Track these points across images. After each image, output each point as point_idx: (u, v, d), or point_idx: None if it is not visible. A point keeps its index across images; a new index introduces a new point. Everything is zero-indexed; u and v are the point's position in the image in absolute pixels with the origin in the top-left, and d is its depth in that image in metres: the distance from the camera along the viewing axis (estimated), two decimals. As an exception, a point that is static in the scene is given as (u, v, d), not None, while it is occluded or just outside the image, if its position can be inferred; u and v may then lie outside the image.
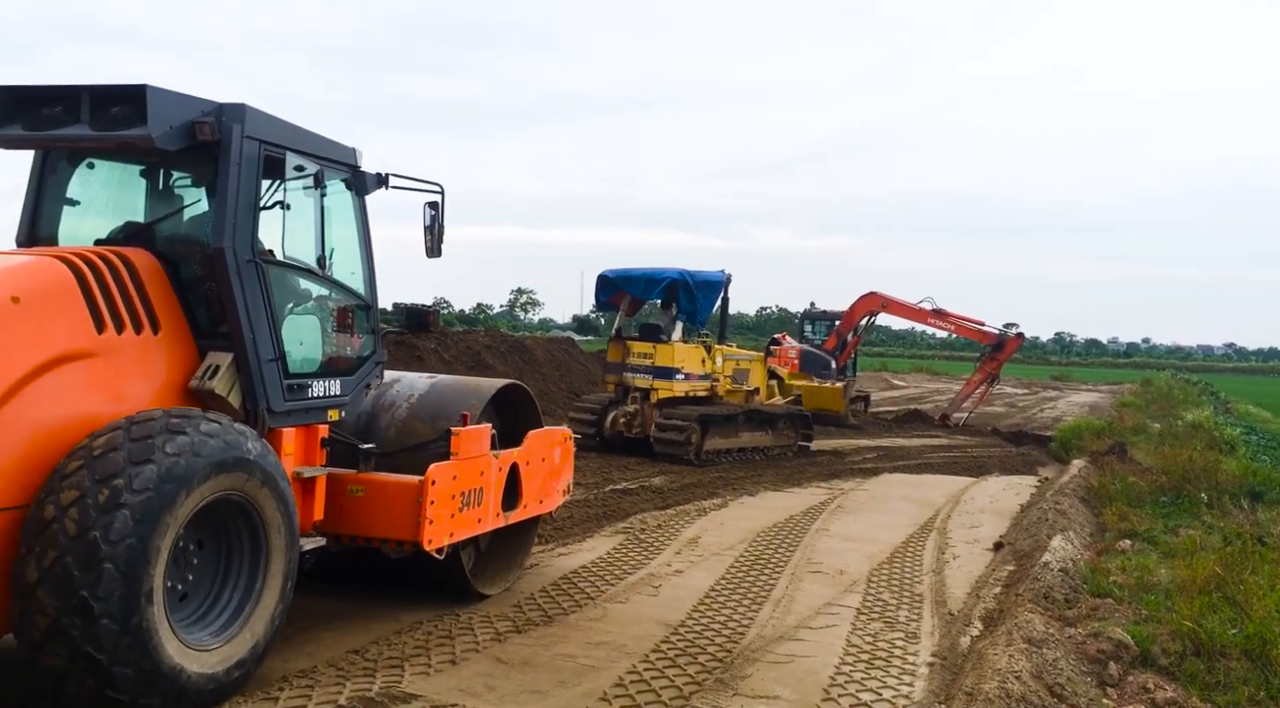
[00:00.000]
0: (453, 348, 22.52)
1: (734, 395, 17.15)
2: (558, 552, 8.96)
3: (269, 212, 5.79)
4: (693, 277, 15.87)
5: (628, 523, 10.51)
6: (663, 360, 15.59)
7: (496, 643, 6.33)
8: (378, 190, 6.67)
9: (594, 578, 8.11)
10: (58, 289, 4.89)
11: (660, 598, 7.64)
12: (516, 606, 7.17)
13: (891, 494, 13.73)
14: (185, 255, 5.67)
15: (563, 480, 8.21)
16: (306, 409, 6.00)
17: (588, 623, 6.87)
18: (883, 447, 20.11)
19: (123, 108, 5.26)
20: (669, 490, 12.85)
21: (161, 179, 6.09)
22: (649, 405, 15.56)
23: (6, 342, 4.57)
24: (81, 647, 4.33)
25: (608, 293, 16.39)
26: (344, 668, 5.66)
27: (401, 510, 6.23)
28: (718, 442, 15.81)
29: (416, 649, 6.08)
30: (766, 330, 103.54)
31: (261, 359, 5.57)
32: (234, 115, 5.53)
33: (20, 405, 4.55)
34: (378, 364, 6.72)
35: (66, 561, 4.31)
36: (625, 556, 8.98)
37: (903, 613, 7.59)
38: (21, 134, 5.49)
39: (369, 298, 6.57)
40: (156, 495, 4.50)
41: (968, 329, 25.93)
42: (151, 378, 5.26)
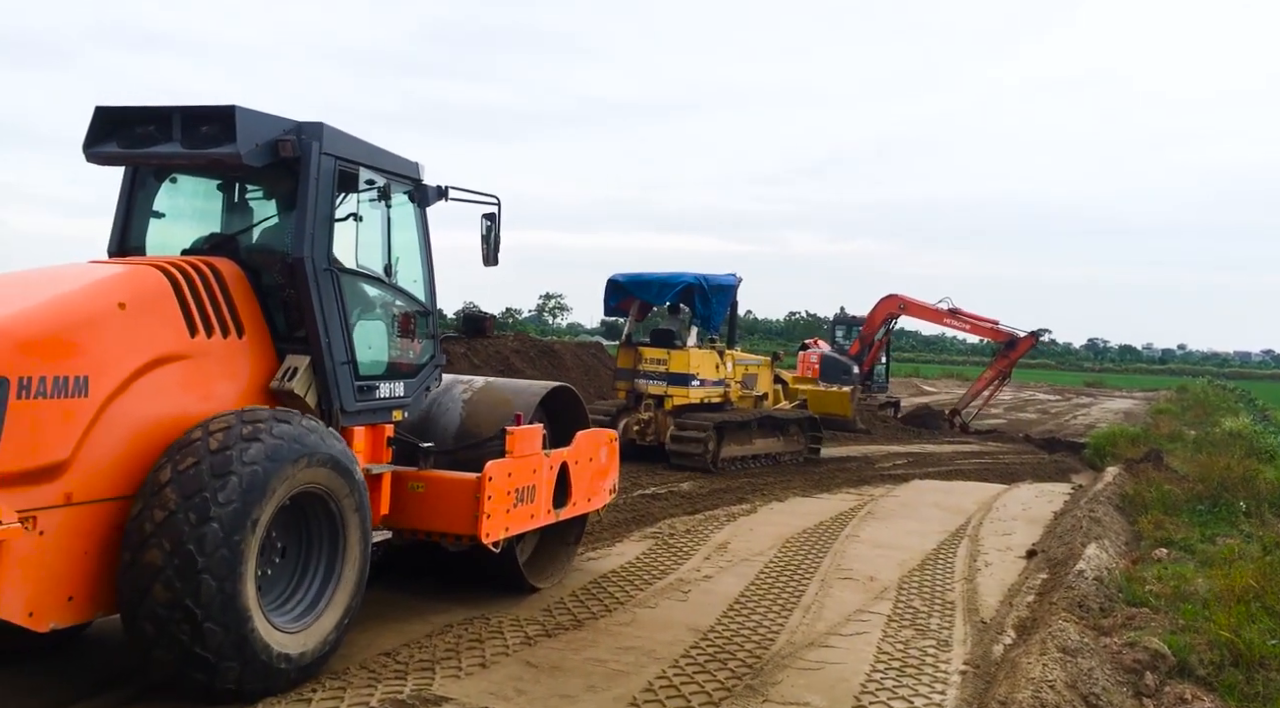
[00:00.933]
0: (482, 352, 22.62)
1: (744, 401, 16.91)
2: (587, 556, 8.97)
3: (342, 223, 6.15)
4: (707, 280, 15.67)
5: (656, 528, 10.52)
6: (677, 367, 15.30)
7: (526, 647, 6.36)
8: (438, 202, 6.99)
9: (623, 582, 8.13)
10: (157, 296, 5.25)
11: (689, 603, 7.64)
12: (546, 610, 7.20)
13: (922, 501, 13.66)
14: (265, 264, 5.99)
15: (609, 480, 8.50)
16: (374, 409, 6.36)
17: (617, 628, 6.89)
18: (913, 453, 20.00)
19: (212, 127, 5.67)
20: (698, 495, 12.84)
21: (237, 193, 6.48)
22: (663, 413, 15.29)
23: (115, 344, 4.93)
24: (181, 599, 4.68)
25: (617, 298, 16.12)
26: (375, 670, 5.73)
27: (460, 506, 6.57)
28: (732, 449, 15.57)
29: (447, 652, 6.12)
30: (796, 336, 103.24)
31: (336, 362, 5.93)
32: (313, 133, 5.90)
33: (126, 402, 4.92)
34: (437, 368, 7.10)
35: (178, 516, 4.69)
36: (654, 560, 8.99)
37: (934, 621, 7.54)
38: (118, 152, 5.91)
39: (430, 305, 6.93)
40: (262, 470, 4.91)
41: (982, 328, 26.06)
42: (236, 379, 5.62)
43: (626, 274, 16.04)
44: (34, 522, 4.48)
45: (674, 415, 15.18)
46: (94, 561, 4.80)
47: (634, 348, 15.76)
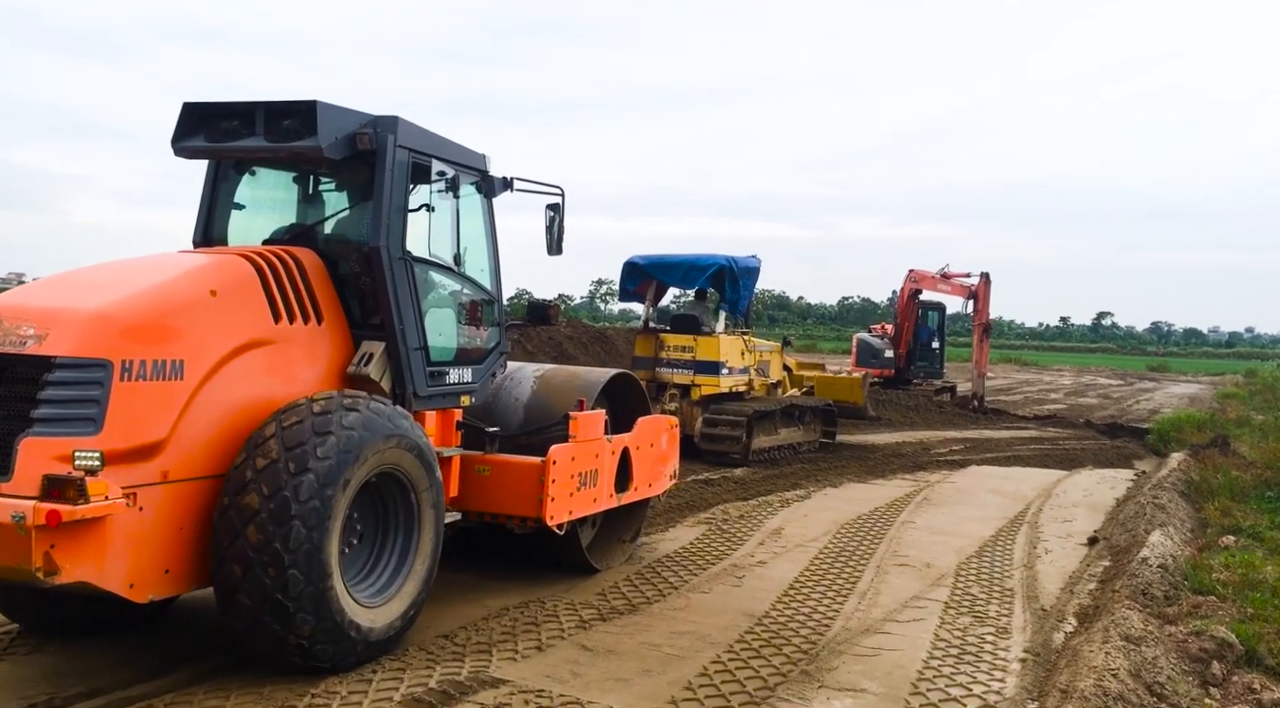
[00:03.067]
0: (536, 339, 22.77)
1: (761, 389, 16.13)
2: (641, 541, 9.01)
3: (415, 213, 6.37)
4: (736, 263, 14.91)
5: (710, 513, 10.57)
6: (705, 354, 14.47)
7: (582, 630, 6.44)
8: (504, 193, 7.19)
9: (677, 567, 8.18)
10: (245, 284, 5.51)
11: (744, 589, 7.67)
12: (601, 594, 7.28)
13: (979, 487, 13.55)
14: (342, 253, 6.23)
15: (669, 466, 8.68)
16: (444, 394, 6.60)
17: (671, 612, 6.95)
18: (970, 438, 19.78)
19: (294, 121, 5.90)
20: (751, 481, 12.85)
21: (312, 184, 6.74)
22: (689, 403, 14.47)
23: (208, 329, 5.21)
24: (272, 594, 4.95)
25: (636, 281, 15.31)
26: (433, 652, 5.86)
27: (525, 489, 6.83)
28: (761, 440, 14.82)
29: (503, 635, 6.23)
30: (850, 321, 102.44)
31: (409, 348, 6.15)
32: (388, 126, 6.12)
33: (217, 386, 5.20)
34: (503, 354, 7.31)
35: (261, 517, 4.94)
36: (708, 545, 9.03)
37: (993, 608, 7.47)
38: (204, 146, 6.17)
39: (495, 293, 7.13)
40: (335, 462, 5.13)
41: (956, 287, 26.07)
42: (316, 364, 5.88)
43: (646, 256, 15.30)
44: (135, 498, 4.75)
45: (702, 406, 14.46)
46: (188, 535, 5.09)
47: (654, 334, 14.98)
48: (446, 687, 5.29)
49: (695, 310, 15.33)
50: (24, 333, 4.75)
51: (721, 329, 14.85)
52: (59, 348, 4.67)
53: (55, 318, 4.79)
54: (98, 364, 4.69)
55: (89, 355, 4.69)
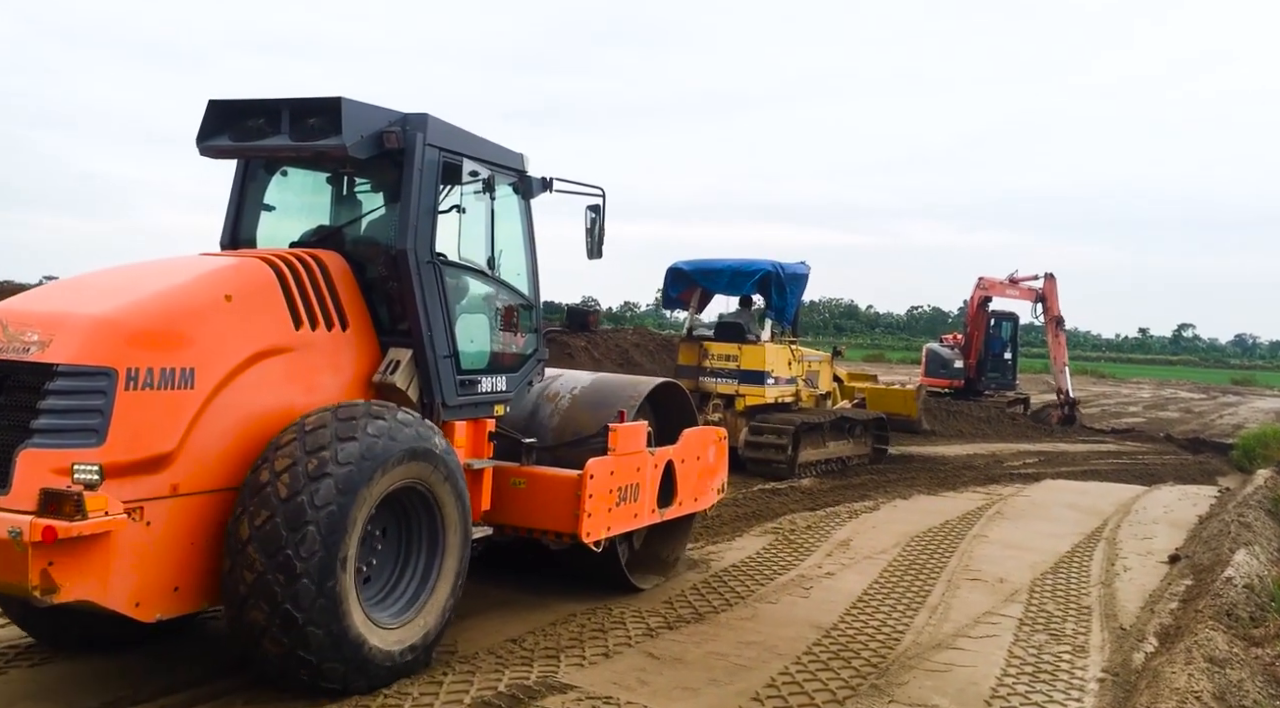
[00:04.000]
0: (602, 346, 22.86)
1: (809, 400, 15.38)
2: (707, 550, 8.99)
3: (445, 215, 6.10)
4: (783, 269, 14.27)
5: (777, 523, 10.46)
6: (750, 363, 13.88)
7: (648, 638, 6.42)
8: (543, 194, 6.91)
9: (744, 577, 8.11)
10: (263, 288, 5.25)
11: (811, 600, 7.58)
12: (668, 602, 7.24)
13: (1055, 501, 13.20)
14: (369, 257, 5.97)
15: (717, 479, 8.31)
16: (476, 404, 6.29)
17: (738, 622, 6.88)
18: (1044, 451, 19.35)
19: (319, 119, 5.63)
20: (818, 492, 12.72)
21: (346, 185, 6.45)
22: (733, 414, 13.88)
23: (221, 336, 4.95)
24: (281, 603, 4.68)
25: (679, 287, 14.79)
26: (503, 656, 5.86)
27: (561, 503, 6.49)
28: (808, 453, 14.20)
29: (571, 641, 6.23)
30: (919, 330, 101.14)
31: (438, 355, 5.87)
32: (417, 124, 5.84)
33: (231, 395, 4.93)
34: (540, 362, 6.98)
35: (276, 521, 4.69)
36: (775, 556, 8.94)
37: (1069, 625, 7.29)
38: (228, 145, 5.93)
39: (533, 298, 6.84)
40: (357, 470, 4.87)
41: (1022, 289, 25.66)
42: (340, 372, 5.60)
43: (691, 261, 14.80)
44: (141, 512, 4.49)
45: (746, 417, 13.87)
46: (199, 551, 4.81)
47: (697, 343, 14.43)
48: (515, 691, 5.27)
49: (740, 318, 14.71)
50: (28, 339, 4.51)
51: (767, 337, 14.28)
52: (61, 355, 4.41)
53: (60, 323, 4.55)
54: (101, 372, 4.42)
55: (91, 363, 4.42)
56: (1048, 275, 25.36)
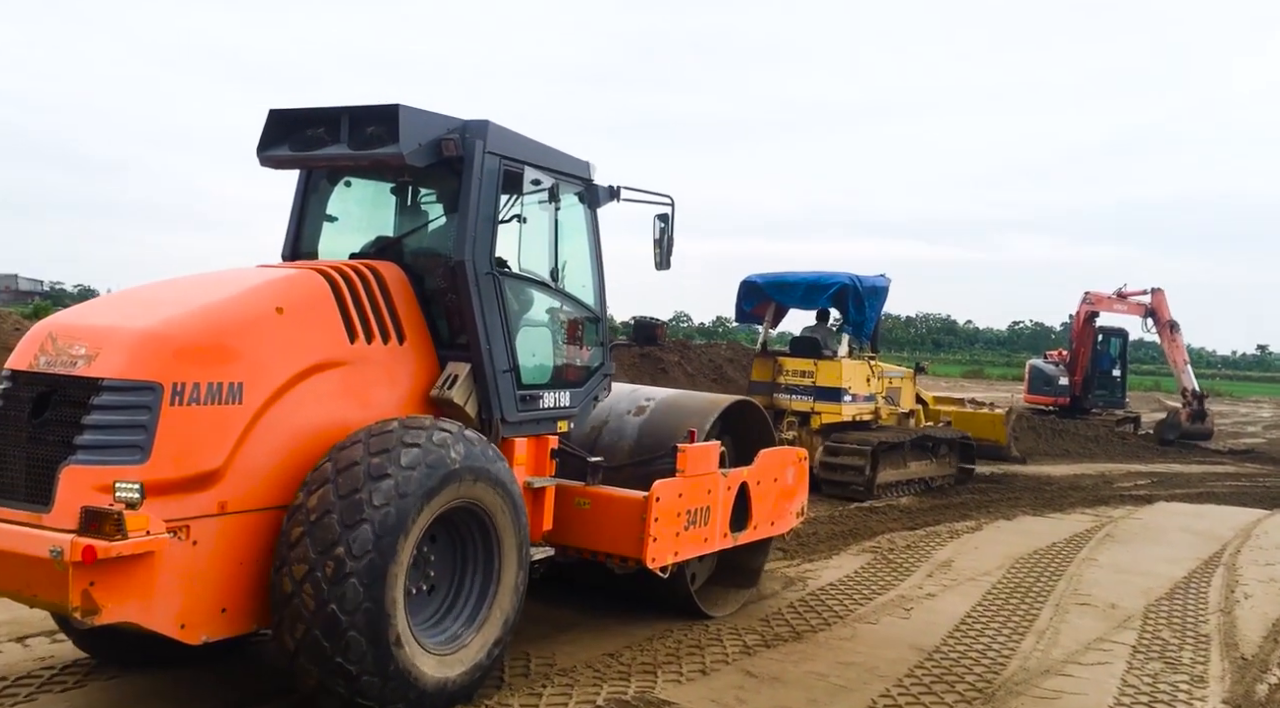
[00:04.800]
0: (695, 361, 22.84)
1: (890, 418, 14.78)
2: (804, 568, 8.88)
3: (506, 225, 5.90)
4: (861, 282, 13.75)
5: (875, 542, 10.24)
6: (826, 380, 13.42)
7: (746, 656, 6.33)
8: (609, 203, 6.68)
9: (842, 596, 7.96)
10: (316, 301, 5.07)
11: (912, 621, 7.40)
12: (765, 620, 7.16)
13: (1169, 524, 12.62)
14: (429, 268, 5.77)
15: (796, 502, 7.89)
16: (537, 420, 6.03)
17: (837, 642, 6.76)
18: (1156, 472, 18.59)
19: (378, 127, 5.46)
20: (918, 511, 12.44)
21: (410, 195, 6.26)
22: (809, 432, 13.43)
23: (271, 350, 4.76)
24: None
25: (753, 301, 14.36)
26: (600, 670, 5.82)
27: (625, 526, 6.18)
28: (888, 474, 13.59)
29: (668, 657, 6.19)
30: (1021, 346, 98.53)
31: (497, 370, 5.64)
32: (477, 131, 5.62)
33: (282, 410, 4.74)
34: (606, 377, 6.69)
35: (331, 516, 4.52)
36: (874, 575, 8.77)
37: (1186, 654, 6.97)
38: (288, 155, 5.77)
39: (599, 310, 6.57)
40: (419, 475, 4.67)
41: (1130, 304, 24.98)
42: (396, 386, 5.39)
43: (765, 275, 14.37)
44: (187, 531, 4.32)
45: (822, 435, 13.41)
46: (248, 572, 4.61)
47: (772, 358, 13.98)
48: (613, 705, 5.28)
49: (816, 333, 14.20)
50: (75, 353, 4.38)
51: (844, 353, 13.73)
52: (106, 369, 4.26)
53: (107, 337, 4.40)
54: (146, 387, 4.25)
55: (136, 378, 4.26)
56: (1155, 290, 24.54)
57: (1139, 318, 25.02)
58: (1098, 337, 26.30)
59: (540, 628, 6.52)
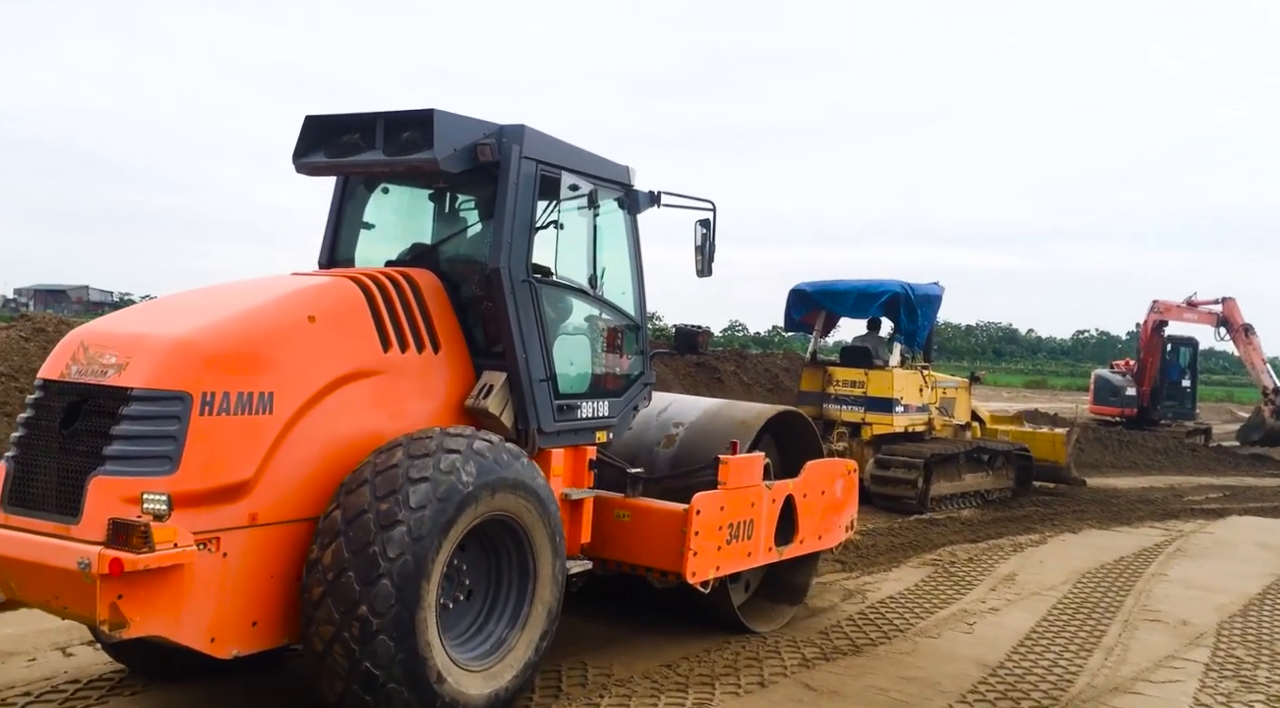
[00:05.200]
0: (751, 370, 22.72)
1: (944, 429, 14.39)
2: (863, 580, 8.77)
3: (544, 231, 5.78)
4: (913, 290, 13.41)
5: (936, 555, 10.06)
6: (878, 390, 13.14)
7: (804, 669, 6.25)
8: (650, 208, 6.53)
9: (902, 609, 7.83)
10: (349, 309, 4.97)
11: (975, 636, 7.25)
12: (823, 633, 7.07)
13: (1242, 539, 12.19)
14: (465, 275, 5.65)
15: (845, 515, 7.66)
16: (575, 430, 5.87)
17: (898, 656, 6.65)
18: (1228, 486, 18.05)
19: (413, 133, 5.36)
20: (980, 523, 12.21)
21: (448, 202, 6.14)
22: (859, 443, 13.19)
23: (303, 359, 4.67)
24: (360, 662, 4.37)
25: (802, 310, 14.07)
26: (658, 681, 5.79)
27: (665, 539, 6.02)
28: (941, 486, 13.25)
29: (725, 669, 6.12)
30: (1085, 356, 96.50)
31: (533, 379, 5.50)
32: (513, 136, 5.50)
33: (314, 420, 4.65)
34: (646, 386, 6.52)
35: (349, 574, 4.38)
36: (935, 588, 8.62)
37: (1262, 673, 6.73)
38: (323, 161, 5.66)
39: (639, 318, 6.42)
40: (431, 512, 4.51)
41: (1201, 313, 24.31)
42: (431, 396, 5.28)
43: (814, 283, 14.04)
44: (217, 543, 4.24)
45: (873, 446, 13.15)
46: (279, 585, 4.52)
47: (821, 367, 13.78)
48: (672, 715, 5.25)
49: (867, 342, 13.95)
50: (106, 362, 4.32)
51: (896, 362, 13.47)
52: (135, 379, 4.19)
53: (137, 346, 4.33)
54: (175, 397, 4.17)
55: (165, 387, 4.18)
56: (1226, 299, 23.91)
57: (1210, 327, 24.38)
58: (1166, 346, 25.64)
59: (596, 639, 6.47)
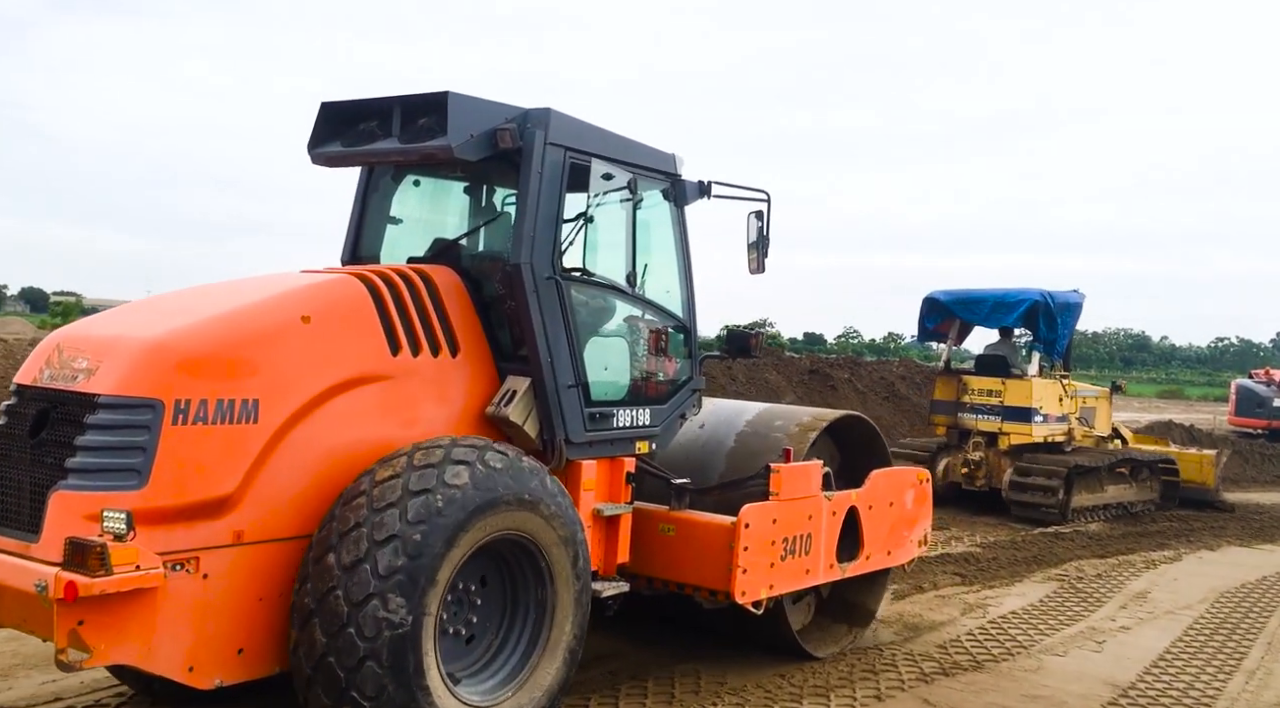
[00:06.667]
0: (866, 378, 22.28)
1: (1085, 440, 14.01)
2: (984, 594, 8.48)
3: (575, 224, 5.33)
4: (1053, 298, 13.05)
5: (1062, 570, 9.63)
6: (1016, 399, 12.80)
7: (923, 683, 6.04)
8: (699, 200, 5.99)
9: (1025, 626, 7.50)
10: (350, 309, 4.52)
11: (1105, 655, 6.91)
12: (942, 647, 6.85)
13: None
14: (489, 273, 5.19)
15: (917, 529, 6.93)
16: (611, 441, 5.34)
17: (1021, 673, 6.37)
18: (1386, 500, 16.93)
19: (429, 118, 4.89)
20: (1108, 538, 11.65)
21: (484, 196, 5.72)
22: (996, 453, 12.94)
23: (294, 363, 4.23)
24: (346, 690, 3.94)
25: (936, 319, 13.78)
26: (771, 691, 5.64)
27: (712, 555, 5.46)
28: (1083, 497, 12.81)
29: (840, 680, 5.95)
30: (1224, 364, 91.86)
31: (560, 385, 4.98)
32: (538, 121, 5.00)
33: (309, 429, 4.22)
34: (694, 392, 5.95)
35: (337, 593, 3.97)
36: (1061, 605, 8.25)
37: None
38: (339, 151, 5.21)
39: (687, 320, 5.88)
40: (431, 528, 4.06)
41: None
42: (448, 403, 4.81)
43: (948, 292, 13.77)
44: (196, 564, 3.82)
45: (1011, 456, 12.86)
46: (269, 609, 4.08)
47: (955, 376, 13.50)
48: (784, 726, 5.21)
49: (1003, 350, 13.57)
50: (77, 365, 3.96)
51: (1034, 372, 13.14)
52: (102, 385, 3.81)
53: (108, 349, 3.95)
54: (145, 404, 3.76)
55: (134, 394, 3.78)
56: None
57: None
58: None
59: (710, 646, 6.29)
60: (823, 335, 71.16)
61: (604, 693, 5.49)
